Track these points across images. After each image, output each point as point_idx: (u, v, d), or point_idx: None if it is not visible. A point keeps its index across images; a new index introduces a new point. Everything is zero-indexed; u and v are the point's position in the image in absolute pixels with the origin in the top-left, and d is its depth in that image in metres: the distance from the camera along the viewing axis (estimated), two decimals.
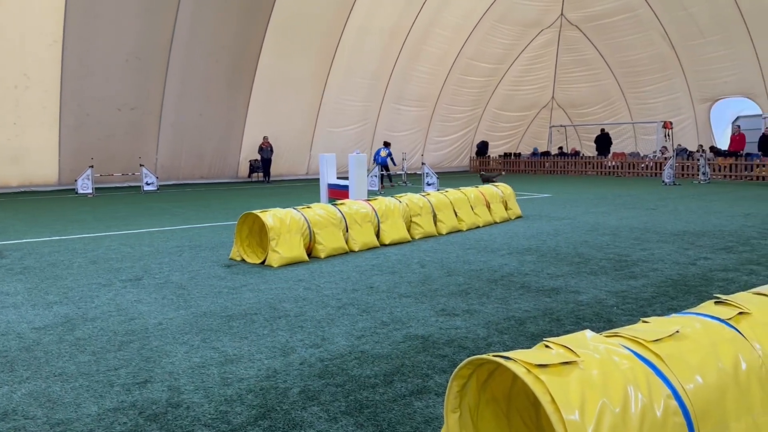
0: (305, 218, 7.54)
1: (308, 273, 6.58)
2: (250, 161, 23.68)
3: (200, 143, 22.29)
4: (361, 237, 8.05)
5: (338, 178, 13.51)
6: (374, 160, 20.69)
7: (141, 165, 19.93)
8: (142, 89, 20.34)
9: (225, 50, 21.11)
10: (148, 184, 19.29)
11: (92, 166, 18.42)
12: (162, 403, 3.23)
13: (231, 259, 7.40)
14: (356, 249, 7.92)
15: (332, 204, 8.41)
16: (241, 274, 6.54)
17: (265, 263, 7.05)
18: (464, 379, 2.38)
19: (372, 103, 26.01)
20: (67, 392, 3.39)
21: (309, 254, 7.48)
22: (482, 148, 30.17)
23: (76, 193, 18.17)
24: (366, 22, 23.20)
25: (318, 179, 13.67)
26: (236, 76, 21.90)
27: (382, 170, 19.91)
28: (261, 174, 23.55)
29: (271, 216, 7.23)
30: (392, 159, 20.80)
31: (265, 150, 22.77)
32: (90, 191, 17.98)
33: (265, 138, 22.73)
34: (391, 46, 24.85)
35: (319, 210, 7.89)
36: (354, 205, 8.38)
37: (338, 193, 12.54)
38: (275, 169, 24.21)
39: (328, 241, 7.60)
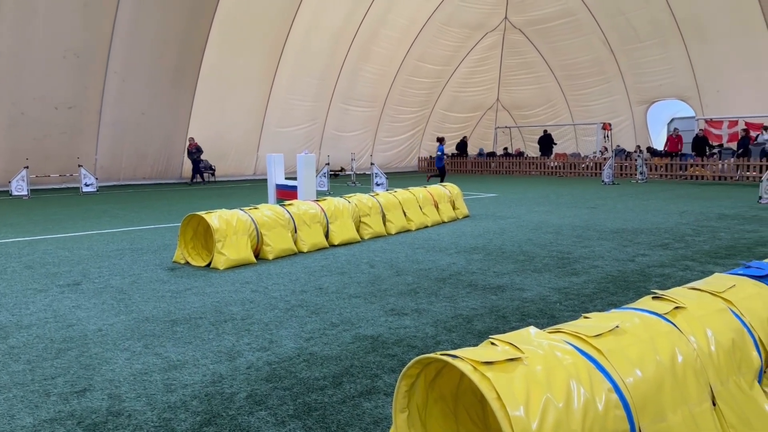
0: (252, 219, 7.43)
1: (256, 275, 6.49)
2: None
3: (142, 143, 21.65)
4: (310, 238, 7.99)
5: (286, 178, 13.37)
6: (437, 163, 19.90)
7: (79, 166, 19.19)
8: (81, 87, 19.60)
9: (168, 47, 20.58)
10: (87, 185, 18.60)
11: (27, 167, 17.63)
12: (102, 412, 3.12)
13: (175, 262, 7.22)
14: (305, 250, 7.85)
15: (280, 205, 8.31)
16: (185, 278, 6.38)
17: (211, 266, 6.90)
18: (412, 379, 2.38)
19: (320, 103, 25.88)
20: (0, 403, 3.23)
21: (257, 256, 7.37)
22: (462, 146, 30.21)
23: (11, 195, 17.35)
24: (313, 21, 23.07)
25: (266, 180, 13.48)
26: (180, 74, 21.38)
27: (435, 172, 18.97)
28: (204, 176, 23.08)
29: (216, 217, 7.08)
30: (442, 155, 19.72)
31: (191, 152, 21.97)
32: (25, 193, 17.20)
33: (191, 139, 22.01)
34: (339, 46, 24.79)
35: (267, 211, 7.78)
36: (302, 206, 8.31)
37: (286, 193, 12.41)
38: (221, 170, 23.77)
39: (276, 243, 7.51)
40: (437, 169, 19.96)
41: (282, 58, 23.35)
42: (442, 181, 19.59)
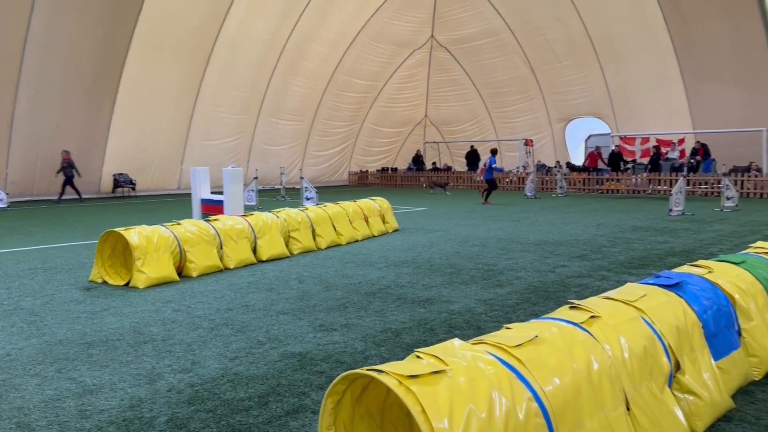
0: (175, 235, 7.19)
1: (178, 293, 6.27)
2: (113, 175, 22.22)
3: (58, 156, 20.54)
4: (237, 254, 7.82)
5: (212, 192, 13.05)
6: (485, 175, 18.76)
7: None
8: None
9: (86, 57, 19.72)
10: None
11: None
12: None
13: (91, 281, 6.88)
14: (231, 266, 7.67)
15: (205, 220, 8.10)
16: (102, 297, 6.09)
17: (130, 285, 6.62)
18: (339, 395, 2.36)
19: (248, 116, 25.48)
20: None
21: (180, 274, 7.14)
22: (417, 160, 30.13)
23: None
24: (240, 33, 22.75)
25: (190, 194, 13.10)
26: (99, 85, 20.51)
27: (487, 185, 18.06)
28: (126, 189, 22.19)
29: (136, 234, 6.82)
30: (492, 168, 18.53)
31: (64, 167, 19.53)
32: None
33: (64, 153, 19.65)
34: (267, 59, 24.55)
35: (191, 226, 7.56)
36: (229, 221, 8.13)
37: (212, 208, 12.11)
38: (143, 184, 22.90)
39: (201, 259, 7.30)
40: (486, 182, 18.68)
41: (207, 70, 22.87)
42: (488, 195, 18.44)
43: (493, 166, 18.59)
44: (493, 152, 19.29)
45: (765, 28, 19.63)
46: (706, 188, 19.98)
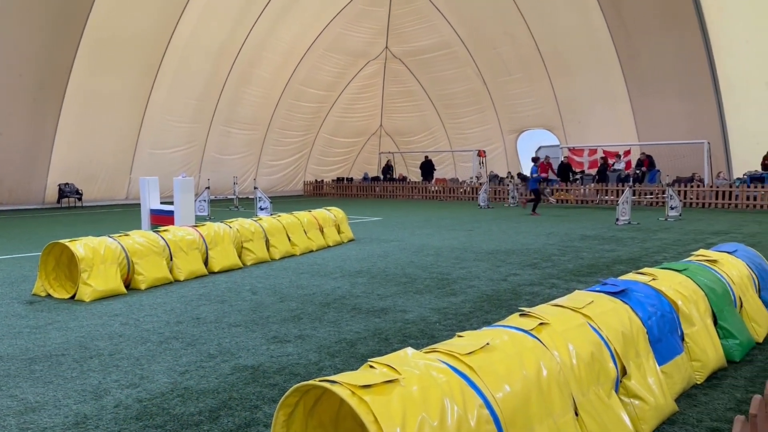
0: (122, 247, 7.00)
1: (126, 306, 6.10)
2: (59, 185, 21.47)
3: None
4: (187, 265, 7.66)
5: (162, 202, 12.77)
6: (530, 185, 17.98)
7: None
8: None
9: (30, 63, 19.04)
10: None
11: None
12: None
13: (34, 294, 6.61)
14: (182, 278, 7.51)
15: (154, 231, 7.92)
16: (46, 311, 5.87)
17: (76, 298, 6.40)
18: (291, 408, 2.34)
19: (200, 125, 25.07)
20: None
21: (127, 286, 6.94)
22: (387, 170, 29.78)
23: None
24: (192, 40, 22.40)
25: (139, 204, 12.78)
26: (44, 93, 19.83)
27: (532, 194, 17.32)
28: (72, 200, 21.48)
29: (81, 245, 6.60)
30: (535, 178, 17.66)
31: None
32: None
33: None
34: (220, 67, 24.26)
35: (139, 238, 7.38)
36: (179, 232, 7.97)
37: (162, 219, 11.84)
38: (90, 194, 22.21)
39: (150, 271, 7.12)
40: (531, 192, 17.98)
41: (158, 78, 22.41)
42: (534, 206, 17.35)
43: (534, 175, 17.97)
44: (535, 160, 18.41)
45: (705, 43, 20.57)
46: (651, 198, 20.69)
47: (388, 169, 30.16)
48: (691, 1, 20.09)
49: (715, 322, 4.21)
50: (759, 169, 19.94)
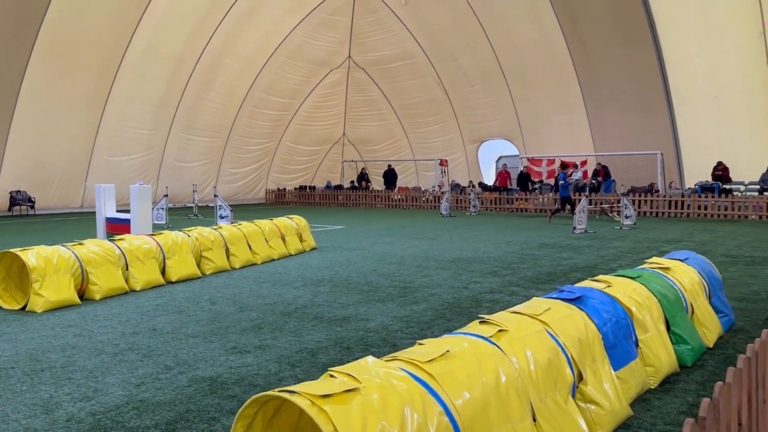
0: (76, 256, 6.81)
1: (80, 317, 5.92)
2: (10, 192, 20.75)
3: None
4: (144, 275, 7.49)
5: (118, 211, 12.47)
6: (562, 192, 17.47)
7: None
8: None
9: None
10: None
11: None
12: None
13: None
14: (138, 288, 7.34)
15: (110, 240, 7.73)
16: None
17: (27, 309, 6.19)
18: (249, 419, 2.31)
19: (158, 131, 24.60)
20: None
21: (81, 296, 6.75)
22: (362, 177, 29.37)
23: None
24: (151, 46, 22.01)
25: (95, 212, 12.44)
26: None
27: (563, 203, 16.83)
28: (24, 207, 20.78)
29: (33, 255, 6.39)
30: (565, 185, 17.29)
31: None
32: None
33: None
34: (180, 73, 23.89)
35: (94, 247, 7.19)
36: (135, 241, 7.79)
37: (118, 227, 11.55)
38: (43, 201, 21.54)
39: (104, 281, 6.94)
40: (562, 199, 17.59)
41: (115, 83, 21.93)
42: (573, 210, 16.26)
43: (561, 182, 17.71)
44: (563, 166, 17.97)
45: (658, 57, 21.26)
46: (606, 207, 21.05)
47: (363, 176, 30.10)
48: (645, 16, 20.76)
49: (668, 328, 4.34)
50: (709, 179, 20.66)
